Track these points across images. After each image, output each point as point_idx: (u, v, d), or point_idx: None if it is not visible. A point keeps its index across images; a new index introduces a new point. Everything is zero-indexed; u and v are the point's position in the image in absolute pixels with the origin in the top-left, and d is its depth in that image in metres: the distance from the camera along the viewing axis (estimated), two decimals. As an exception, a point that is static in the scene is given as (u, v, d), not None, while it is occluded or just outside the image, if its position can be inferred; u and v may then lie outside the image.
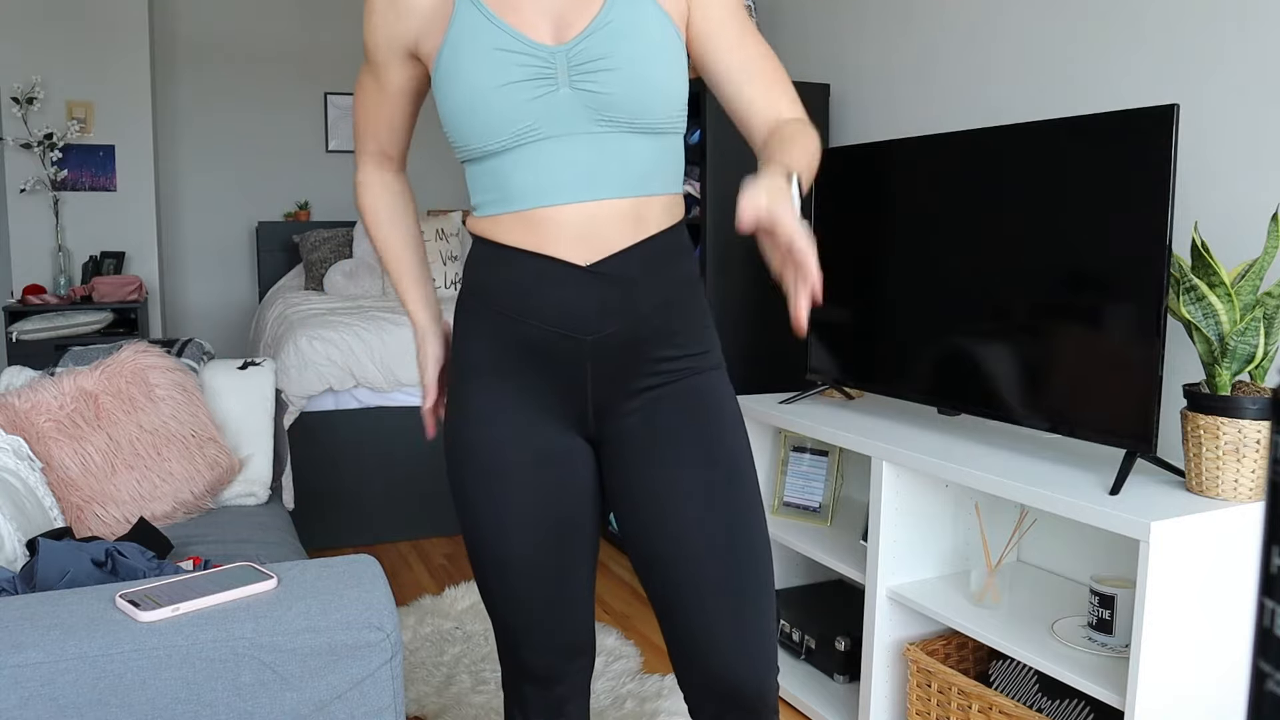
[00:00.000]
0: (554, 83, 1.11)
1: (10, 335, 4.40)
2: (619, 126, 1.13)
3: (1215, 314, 1.62)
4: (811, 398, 2.54)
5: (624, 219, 1.15)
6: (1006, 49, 2.35)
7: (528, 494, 1.24)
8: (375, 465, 3.49)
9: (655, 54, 1.12)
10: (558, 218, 1.14)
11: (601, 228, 1.15)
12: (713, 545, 1.21)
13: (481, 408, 1.23)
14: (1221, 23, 1.86)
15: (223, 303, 5.42)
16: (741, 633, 1.22)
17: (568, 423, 1.24)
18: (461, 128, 1.14)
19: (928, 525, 2.08)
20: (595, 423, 1.24)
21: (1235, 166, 1.85)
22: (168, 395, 2.14)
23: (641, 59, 1.11)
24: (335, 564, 1.25)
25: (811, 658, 2.45)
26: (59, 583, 1.31)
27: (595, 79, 1.11)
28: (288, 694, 1.10)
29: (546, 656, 1.32)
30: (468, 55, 1.12)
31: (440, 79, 1.14)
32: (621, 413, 1.24)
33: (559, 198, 1.14)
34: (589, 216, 1.14)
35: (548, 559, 1.27)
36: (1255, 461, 1.60)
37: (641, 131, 1.15)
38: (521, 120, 1.12)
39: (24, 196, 4.72)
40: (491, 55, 1.11)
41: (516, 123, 1.12)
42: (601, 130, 1.13)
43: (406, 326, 3.49)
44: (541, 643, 1.31)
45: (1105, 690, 1.59)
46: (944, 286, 2.10)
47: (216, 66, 5.25)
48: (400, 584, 3.12)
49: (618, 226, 1.15)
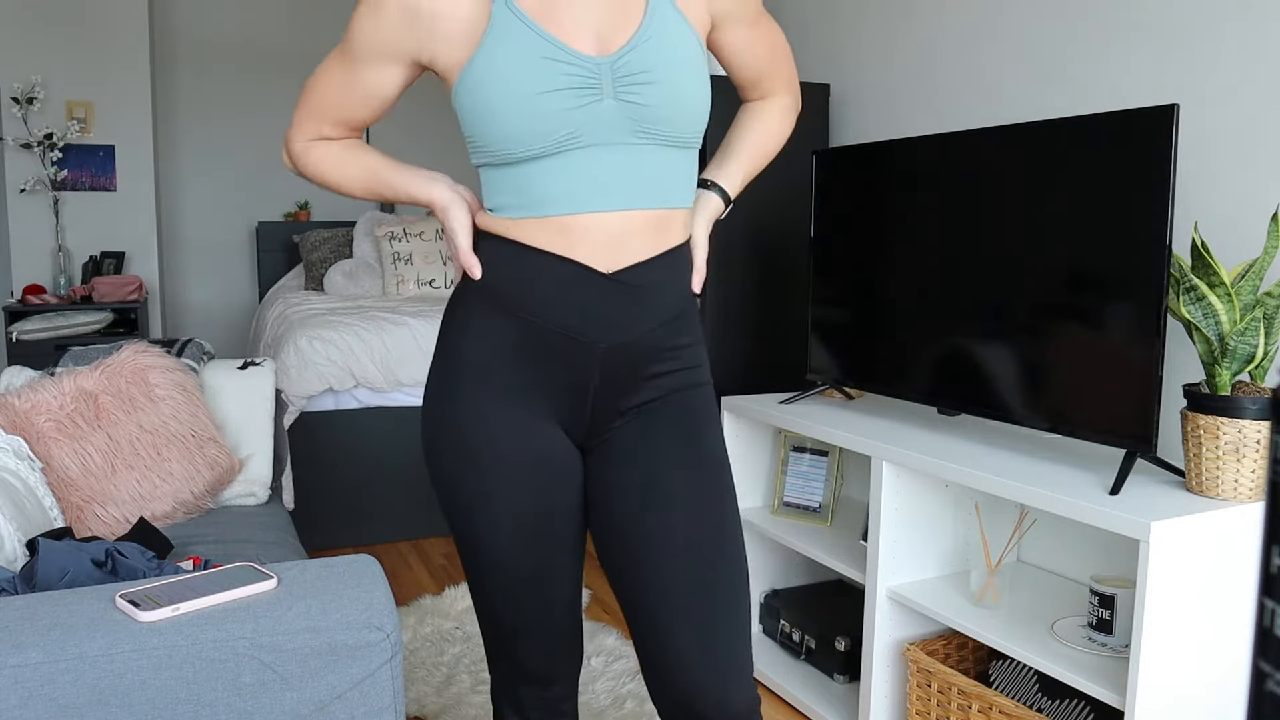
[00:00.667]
0: (598, 93, 1.11)
1: (10, 335, 4.40)
2: (654, 139, 1.15)
3: (1215, 314, 1.62)
4: (811, 398, 2.54)
5: (649, 230, 1.18)
6: (1006, 49, 2.35)
7: (522, 494, 1.24)
8: (375, 465, 3.49)
9: (689, 68, 1.16)
10: (586, 225, 1.15)
11: (627, 237, 1.16)
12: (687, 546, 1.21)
13: (479, 405, 1.22)
14: (1221, 23, 1.86)
15: (223, 303, 5.42)
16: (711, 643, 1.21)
17: (564, 426, 1.25)
18: (494, 133, 1.12)
19: (928, 525, 2.08)
20: (589, 428, 1.25)
21: (1235, 166, 1.85)
22: (168, 395, 2.14)
23: (679, 73, 1.15)
24: (335, 564, 1.25)
25: (811, 658, 2.45)
26: (59, 583, 1.31)
27: (639, 91, 1.12)
28: (288, 694, 1.10)
29: (545, 656, 1.33)
30: (510, 63, 1.10)
31: (473, 85, 1.12)
32: (615, 420, 1.25)
33: (591, 206, 1.14)
34: (617, 225, 1.15)
35: (544, 559, 1.27)
36: (1255, 461, 1.60)
37: (672, 144, 1.17)
38: (563, 129, 1.11)
39: (24, 196, 4.72)
40: (537, 64, 1.10)
41: (557, 131, 1.11)
42: (638, 142, 1.15)
43: (406, 326, 3.49)
44: (540, 643, 1.32)
45: (1105, 690, 1.59)
46: (944, 286, 2.10)
47: (217, 66, 5.25)
48: (400, 584, 3.12)
49: (642, 237, 1.17)
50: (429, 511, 3.57)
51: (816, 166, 2.45)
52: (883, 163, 2.26)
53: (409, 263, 4.52)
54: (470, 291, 1.23)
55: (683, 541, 1.21)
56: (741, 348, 2.88)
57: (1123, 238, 1.71)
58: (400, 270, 4.50)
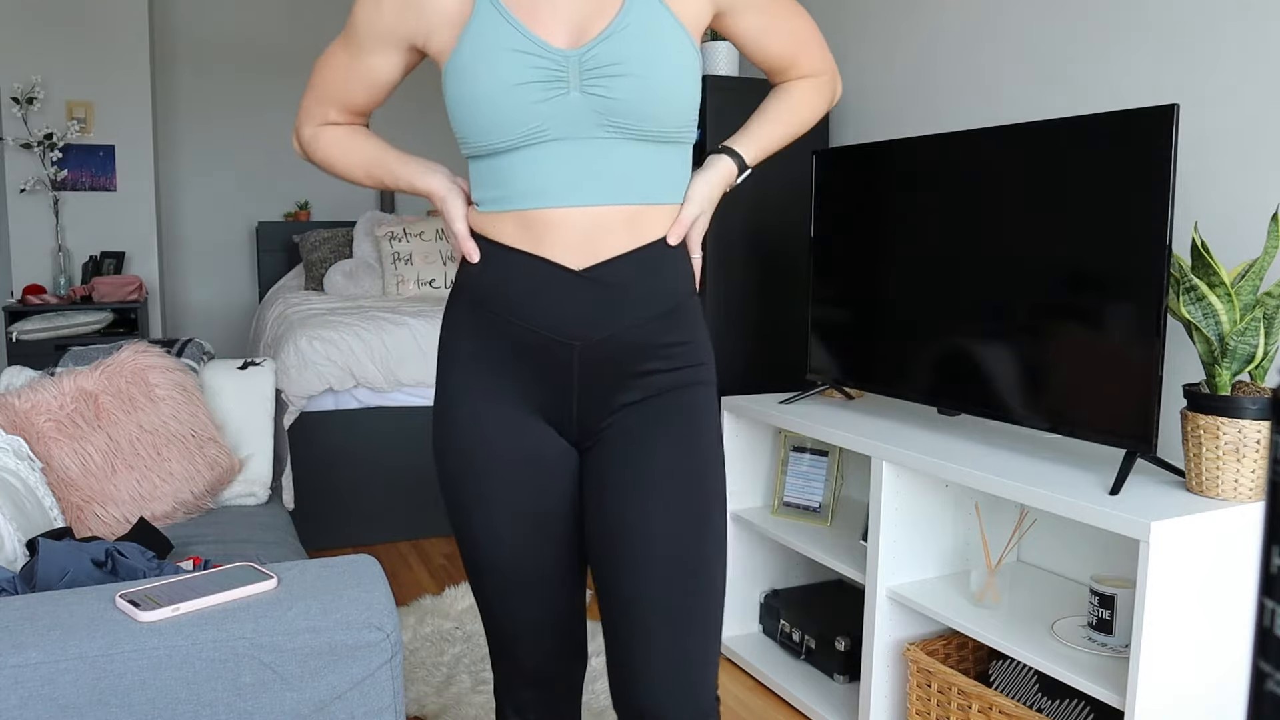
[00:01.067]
0: (564, 85, 1.11)
1: (10, 335, 4.40)
2: (627, 133, 1.13)
3: (1215, 314, 1.62)
4: (811, 398, 2.54)
5: (622, 226, 1.15)
6: (1006, 49, 2.35)
7: (519, 494, 1.23)
8: (375, 465, 3.49)
9: (668, 62, 1.12)
10: (556, 220, 1.14)
11: (599, 233, 1.15)
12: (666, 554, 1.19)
13: (472, 405, 1.23)
14: (1221, 23, 1.86)
15: (223, 303, 5.42)
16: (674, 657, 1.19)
17: (556, 426, 1.24)
18: (470, 124, 1.14)
19: (928, 525, 2.08)
20: (579, 428, 1.24)
21: (1235, 166, 1.85)
22: (168, 395, 2.14)
23: (654, 66, 1.12)
24: (335, 564, 1.25)
25: (811, 658, 2.45)
26: (59, 583, 1.31)
27: (606, 84, 1.11)
28: (288, 694, 1.10)
29: (546, 657, 1.32)
30: (484, 54, 1.12)
31: (453, 75, 1.14)
32: (605, 420, 1.23)
33: (559, 200, 1.14)
34: (587, 221, 1.14)
35: (542, 560, 1.27)
36: (1255, 461, 1.60)
37: (649, 139, 1.15)
38: (530, 121, 1.12)
39: (24, 196, 4.72)
40: (507, 56, 1.11)
41: (525, 123, 1.12)
42: (609, 136, 1.13)
43: (406, 326, 3.49)
44: (541, 644, 1.31)
45: (1105, 690, 1.59)
46: (944, 286, 2.10)
47: (217, 66, 5.25)
48: (400, 584, 3.12)
49: (615, 233, 1.15)
50: (429, 511, 3.57)
51: (816, 166, 2.45)
52: (883, 163, 2.26)
53: (409, 263, 4.52)
54: (460, 291, 1.24)
55: (661, 547, 1.19)
56: (741, 348, 2.88)
57: (1123, 238, 1.71)
58: (400, 270, 4.50)
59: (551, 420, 1.23)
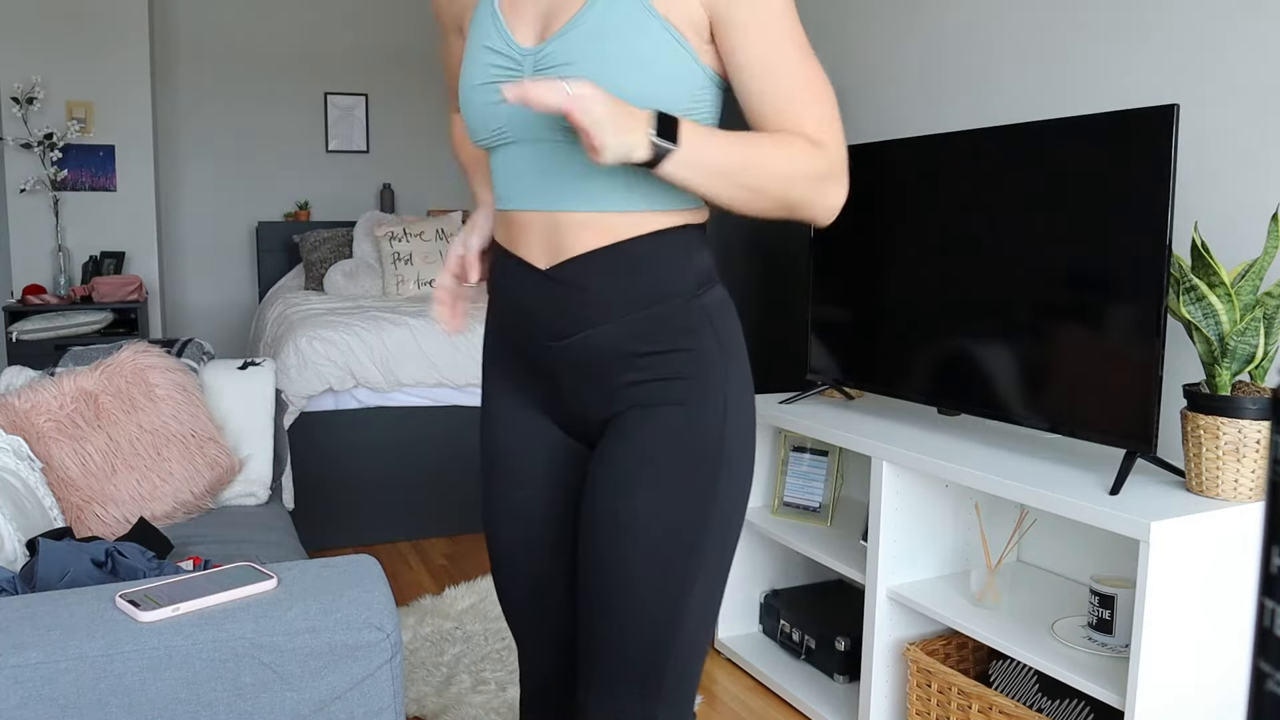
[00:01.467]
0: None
1: (10, 335, 4.40)
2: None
3: (1215, 314, 1.62)
4: (811, 398, 2.54)
5: (584, 228, 1.09)
6: (1006, 49, 2.35)
7: (524, 495, 1.24)
8: (375, 465, 3.49)
9: (630, 61, 1.03)
10: (523, 221, 1.14)
11: (559, 234, 1.10)
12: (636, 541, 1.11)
13: (493, 406, 1.26)
14: (1221, 23, 1.86)
15: (223, 303, 5.42)
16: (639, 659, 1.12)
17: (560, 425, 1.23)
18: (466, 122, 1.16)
19: (928, 525, 2.08)
20: (579, 428, 1.20)
21: (1235, 166, 1.85)
22: (168, 395, 2.14)
23: (610, 65, 1.02)
24: (335, 564, 1.25)
25: (811, 658, 2.45)
26: (59, 583, 1.31)
27: None
28: (288, 694, 1.10)
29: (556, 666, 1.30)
30: (470, 50, 1.13)
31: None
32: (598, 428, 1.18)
33: (523, 203, 1.13)
34: (549, 223, 1.11)
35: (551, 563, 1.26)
36: (1255, 461, 1.60)
37: None
38: (492, 122, 1.11)
39: (24, 196, 4.72)
40: (479, 54, 1.11)
41: (489, 125, 1.12)
42: (564, 139, 1.07)
43: (406, 326, 3.49)
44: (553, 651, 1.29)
45: (1105, 690, 1.59)
46: (944, 286, 2.10)
47: (216, 66, 5.25)
48: (400, 584, 3.12)
49: (577, 234, 1.09)
50: (429, 511, 3.57)
51: (816, 166, 2.45)
52: (883, 163, 2.26)
53: (409, 263, 4.52)
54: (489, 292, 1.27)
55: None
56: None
57: (1123, 238, 1.71)
58: (400, 270, 4.50)
59: (558, 420, 1.23)
